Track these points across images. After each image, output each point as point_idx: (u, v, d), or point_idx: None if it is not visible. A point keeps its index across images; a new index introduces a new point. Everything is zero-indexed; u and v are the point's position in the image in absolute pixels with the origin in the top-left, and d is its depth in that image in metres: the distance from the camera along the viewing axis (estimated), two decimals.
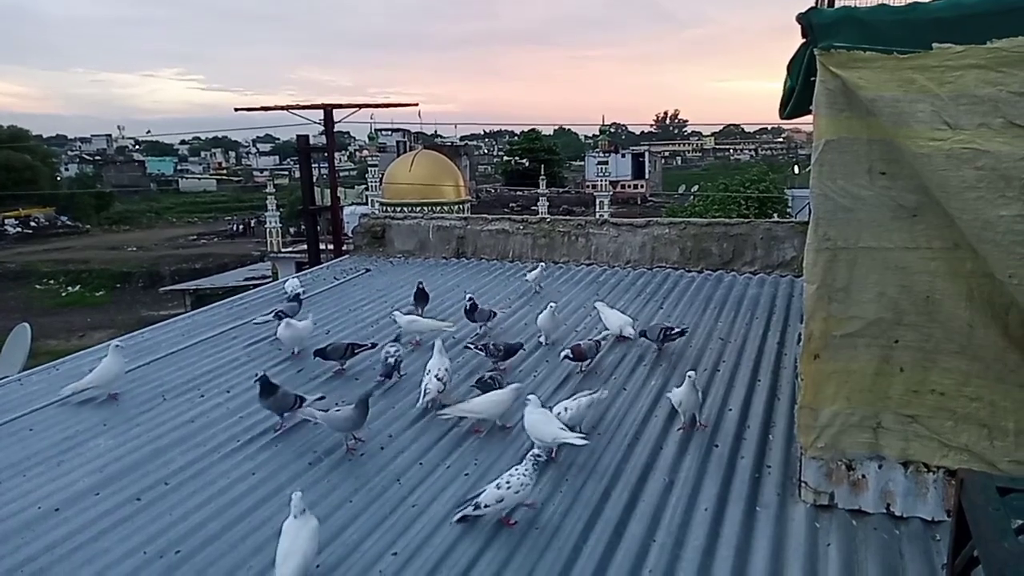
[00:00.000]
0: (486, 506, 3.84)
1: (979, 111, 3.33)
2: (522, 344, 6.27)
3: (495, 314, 7.15)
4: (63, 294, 46.45)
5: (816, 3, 5.47)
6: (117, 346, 5.86)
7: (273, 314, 7.31)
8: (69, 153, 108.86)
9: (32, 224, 67.42)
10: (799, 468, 4.04)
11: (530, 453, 4.04)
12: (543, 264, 9.16)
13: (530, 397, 4.74)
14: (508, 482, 3.87)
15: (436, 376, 5.34)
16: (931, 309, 3.67)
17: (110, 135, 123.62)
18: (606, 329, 6.61)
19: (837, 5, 4.62)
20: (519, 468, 3.95)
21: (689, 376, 4.83)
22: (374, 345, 6.28)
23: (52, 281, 48.76)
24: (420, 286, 7.67)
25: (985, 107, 3.32)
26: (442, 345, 5.68)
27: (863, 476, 3.90)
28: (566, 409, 4.75)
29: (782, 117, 5.15)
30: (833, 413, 3.87)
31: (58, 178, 78.83)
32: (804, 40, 3.78)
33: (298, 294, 7.91)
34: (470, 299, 7.09)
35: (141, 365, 6.49)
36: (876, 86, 3.47)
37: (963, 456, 3.70)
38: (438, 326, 6.67)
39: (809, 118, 4.01)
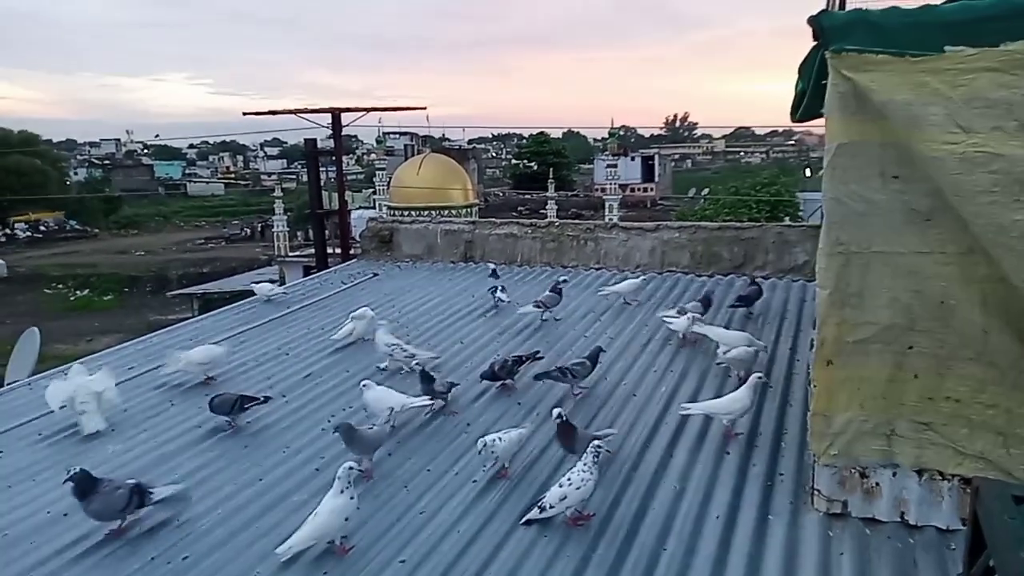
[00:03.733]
0: (551, 507, 3.84)
1: (993, 114, 3.28)
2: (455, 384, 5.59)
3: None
4: (72, 298, 46.65)
5: (827, 5, 5.44)
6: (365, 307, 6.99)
7: (534, 303, 7.43)
8: (78, 157, 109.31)
9: (41, 228, 67.85)
10: (812, 476, 4.00)
11: (591, 446, 4.00)
12: (644, 277, 8.62)
13: (366, 382, 5.11)
14: (570, 479, 3.88)
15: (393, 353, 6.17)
16: (945, 315, 3.62)
17: (119, 139, 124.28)
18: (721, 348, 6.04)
19: (848, 8, 4.60)
20: (579, 464, 3.94)
21: (759, 377, 4.80)
22: (267, 399, 5.44)
23: (61, 285, 48.99)
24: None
25: (999, 110, 3.27)
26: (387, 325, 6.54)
27: (877, 484, 3.85)
28: (498, 439, 4.39)
29: (793, 120, 5.11)
30: (846, 420, 3.82)
31: (67, 182, 79.10)
32: (815, 43, 3.75)
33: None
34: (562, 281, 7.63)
35: (149, 370, 6.50)
36: (888, 89, 3.43)
37: (978, 464, 3.65)
38: None
39: (821, 120, 3.97)
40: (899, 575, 3.48)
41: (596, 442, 4.04)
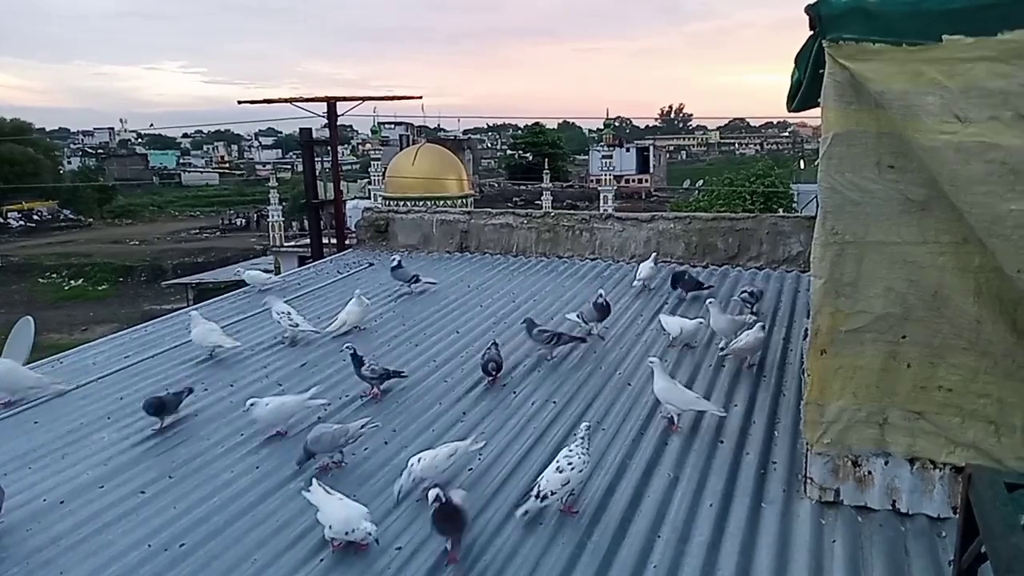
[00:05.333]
0: (552, 493, 3.74)
1: (989, 104, 3.29)
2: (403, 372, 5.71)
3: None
4: (66, 288, 46.51)
5: None
6: (359, 295, 7.16)
7: (577, 314, 6.67)
8: (72, 146, 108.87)
9: (35, 217, 67.58)
10: (805, 464, 4.02)
11: (582, 427, 4.05)
12: (655, 254, 8.68)
13: (252, 400, 4.87)
14: (570, 462, 3.83)
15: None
16: (939, 304, 3.64)
17: (113, 128, 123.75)
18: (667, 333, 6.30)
19: None
20: (573, 448, 3.94)
21: (651, 363, 4.93)
22: (190, 391, 5.34)
23: (55, 275, 48.82)
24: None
25: (995, 100, 3.28)
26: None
27: (869, 472, 3.88)
28: (419, 460, 4.07)
29: (789, 110, 5.10)
30: (839, 409, 3.85)
31: (61, 171, 78.76)
32: (812, 32, 3.74)
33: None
34: (601, 296, 6.56)
35: (145, 359, 6.50)
36: (885, 78, 3.43)
37: (970, 453, 3.68)
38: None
39: (816, 112, 3.97)
40: (890, 563, 3.51)
41: (584, 424, 4.09)
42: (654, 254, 8.65)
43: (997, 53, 3.24)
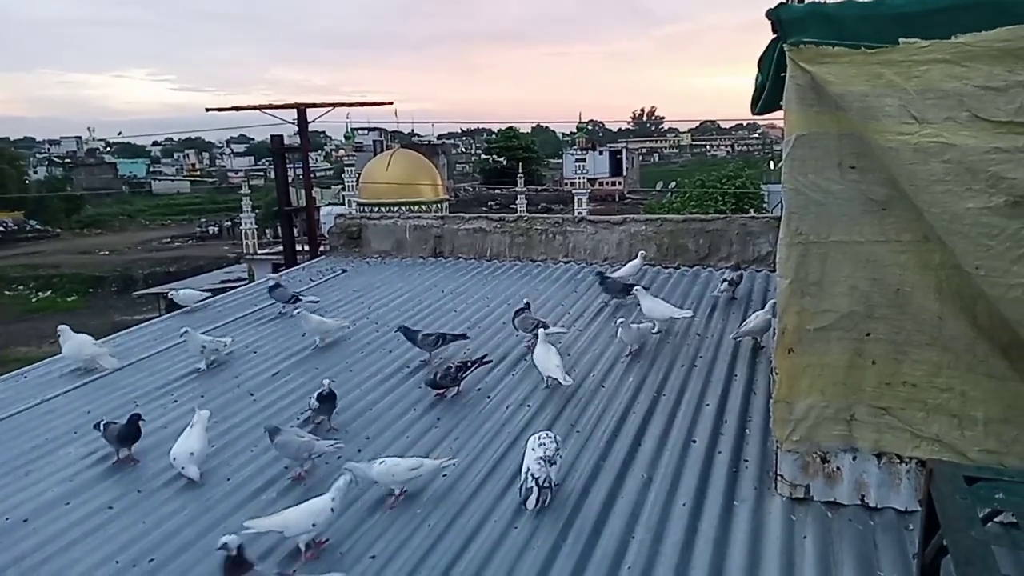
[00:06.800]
0: (558, 484, 4.07)
1: (945, 105, 3.36)
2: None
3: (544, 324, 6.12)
4: (33, 300, 45.59)
5: None
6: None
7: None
8: (38, 156, 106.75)
9: (0, 228, 66.15)
10: (775, 462, 4.07)
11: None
12: (643, 252, 8.61)
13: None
14: (558, 451, 4.08)
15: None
16: (902, 302, 3.71)
17: (80, 137, 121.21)
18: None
19: (806, 1, 4.66)
20: (545, 437, 4.10)
21: (540, 334, 5.42)
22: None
23: (22, 287, 47.85)
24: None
25: (951, 101, 3.35)
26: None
27: (838, 468, 3.94)
28: (381, 463, 4.11)
29: (754, 113, 5.18)
30: (808, 406, 3.90)
31: (27, 181, 77.07)
32: (774, 36, 3.80)
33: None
34: (526, 303, 6.50)
35: (113, 371, 6.39)
36: (844, 81, 3.49)
37: (934, 446, 3.75)
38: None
39: (782, 113, 4.04)
40: (860, 557, 3.56)
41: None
42: (642, 253, 8.63)
43: (951, 55, 3.32)
